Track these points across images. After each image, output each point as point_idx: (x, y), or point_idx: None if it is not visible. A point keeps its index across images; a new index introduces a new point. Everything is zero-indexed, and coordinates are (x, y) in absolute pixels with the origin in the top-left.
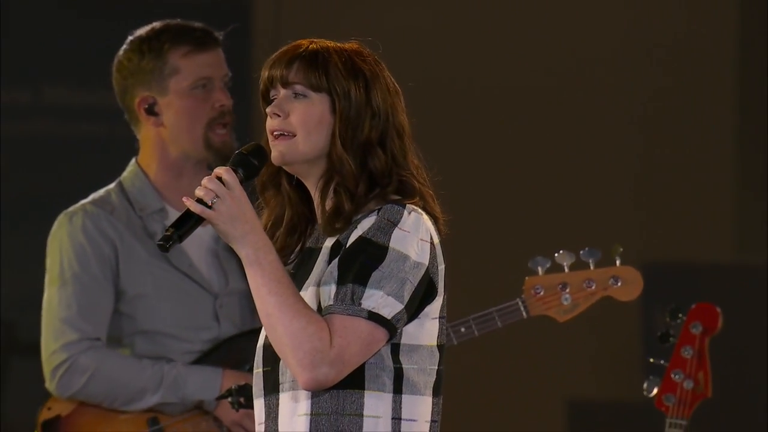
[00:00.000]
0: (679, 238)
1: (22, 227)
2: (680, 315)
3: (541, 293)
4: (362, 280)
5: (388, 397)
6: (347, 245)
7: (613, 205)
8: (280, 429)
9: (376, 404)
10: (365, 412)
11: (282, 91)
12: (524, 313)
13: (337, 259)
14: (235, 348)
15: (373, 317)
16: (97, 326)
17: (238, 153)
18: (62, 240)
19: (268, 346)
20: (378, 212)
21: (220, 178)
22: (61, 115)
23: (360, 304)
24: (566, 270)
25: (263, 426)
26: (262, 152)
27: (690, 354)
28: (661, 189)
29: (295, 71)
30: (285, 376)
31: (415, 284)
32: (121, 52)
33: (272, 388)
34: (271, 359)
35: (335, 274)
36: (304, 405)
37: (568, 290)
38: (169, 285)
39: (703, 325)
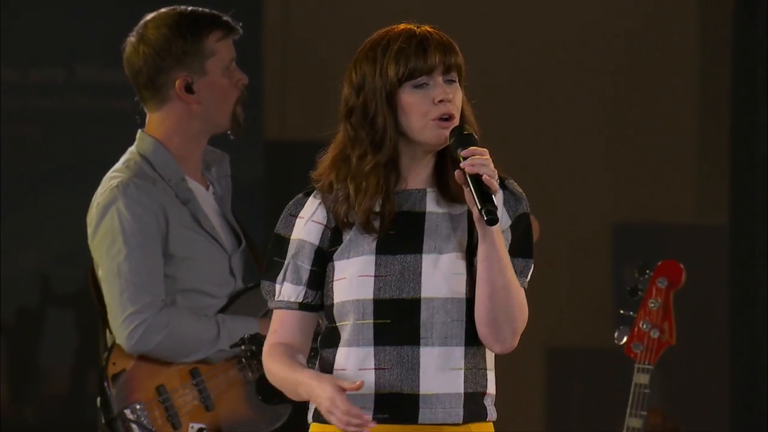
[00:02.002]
0: (646, 201)
1: (59, 192)
2: (647, 271)
3: None
4: (531, 254)
5: (492, 353)
6: (503, 219)
7: (585, 170)
8: (423, 378)
9: (490, 358)
10: (487, 366)
11: (440, 78)
12: None
13: (519, 235)
14: (244, 301)
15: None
16: (162, 289)
17: (469, 134)
18: (121, 212)
19: (385, 300)
20: (507, 186)
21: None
22: (92, 92)
23: (528, 276)
24: None
25: (381, 372)
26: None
27: (656, 306)
28: (629, 156)
29: (452, 58)
30: (430, 331)
31: None
32: (152, 34)
33: (404, 339)
34: (392, 313)
35: (520, 250)
36: (457, 360)
37: None
38: (202, 247)
39: (669, 280)
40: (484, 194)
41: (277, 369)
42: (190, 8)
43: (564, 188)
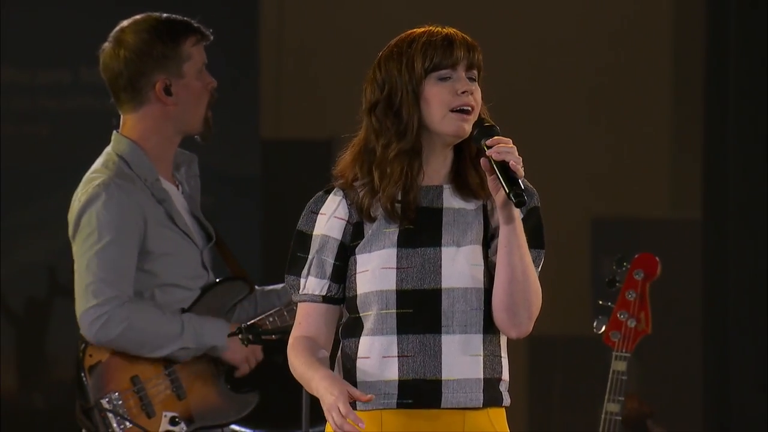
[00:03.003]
0: (622, 197)
1: (64, 188)
2: (625, 263)
3: None
4: (543, 245)
5: (505, 340)
6: (524, 214)
7: (565, 169)
8: (445, 364)
9: (505, 346)
10: (502, 354)
11: (462, 73)
12: None
13: (532, 227)
14: (213, 295)
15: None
16: (129, 285)
17: (491, 125)
18: (99, 210)
19: (407, 291)
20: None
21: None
22: (97, 93)
23: (539, 266)
24: None
25: (404, 360)
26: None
27: (633, 297)
28: (606, 155)
29: (475, 57)
30: (451, 320)
31: None
32: (132, 39)
33: (425, 328)
34: (414, 303)
35: (533, 241)
36: (476, 347)
37: None
38: (177, 243)
39: (645, 272)
40: (512, 179)
41: (298, 364)
42: (164, 15)
43: (545, 185)
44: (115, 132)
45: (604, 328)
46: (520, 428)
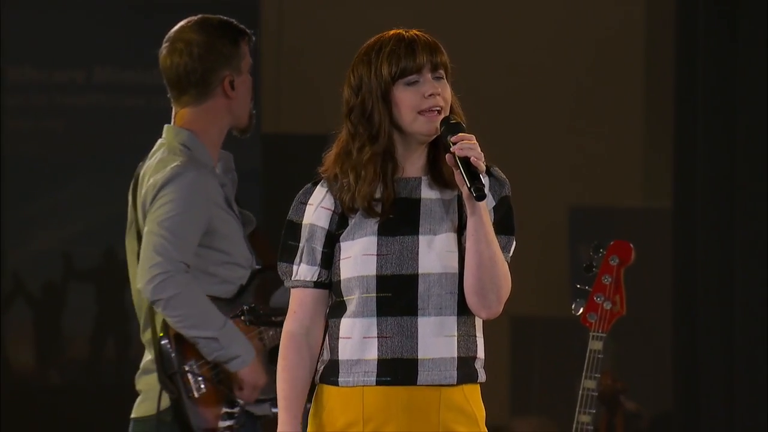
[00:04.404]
0: (600, 188)
1: (79, 179)
2: (601, 250)
3: None
4: (513, 232)
5: (481, 321)
6: (488, 202)
7: (546, 162)
8: (421, 344)
9: (480, 326)
10: (477, 333)
11: (428, 75)
12: None
13: (502, 215)
14: (258, 281)
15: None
16: (191, 257)
17: (457, 122)
18: (176, 188)
19: (387, 276)
20: (492, 173)
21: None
22: (109, 91)
23: (511, 252)
24: None
25: (383, 340)
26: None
27: (609, 281)
28: (584, 149)
29: (438, 58)
30: (427, 302)
31: None
32: (200, 37)
33: (403, 311)
34: (392, 287)
35: (497, 227)
36: (450, 327)
37: None
38: (233, 226)
39: (620, 257)
40: (473, 174)
41: (280, 380)
42: (222, 17)
43: (528, 177)
44: (168, 126)
45: (581, 310)
46: (502, 403)
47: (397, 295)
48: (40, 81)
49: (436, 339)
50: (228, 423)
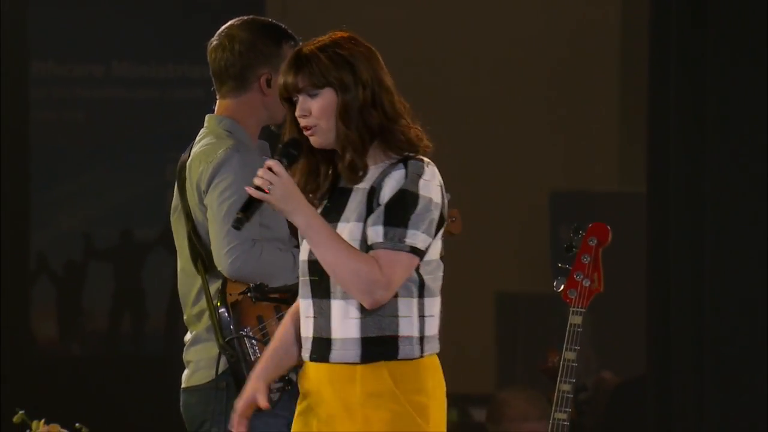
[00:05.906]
0: (578, 174)
1: (98, 167)
2: (580, 231)
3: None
4: (404, 223)
5: (414, 301)
6: (386, 195)
7: (528, 148)
8: (332, 326)
9: (407, 307)
10: (399, 314)
11: (299, 96)
12: None
13: (383, 206)
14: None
15: (413, 251)
16: (256, 231)
17: (282, 146)
18: (232, 169)
19: (314, 261)
20: (405, 166)
21: (270, 169)
22: (127, 84)
23: (404, 241)
24: None
25: (312, 320)
26: (299, 143)
27: (588, 260)
28: (564, 136)
29: (301, 79)
30: (336, 286)
31: (437, 219)
32: (245, 35)
33: (323, 294)
34: (318, 271)
35: (382, 218)
36: (354, 310)
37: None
38: None
39: (598, 239)
40: (247, 204)
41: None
42: (269, 19)
43: (511, 164)
44: (210, 115)
45: (562, 287)
46: (489, 374)
47: (319, 279)
48: (63, 75)
49: (343, 321)
50: (279, 384)
